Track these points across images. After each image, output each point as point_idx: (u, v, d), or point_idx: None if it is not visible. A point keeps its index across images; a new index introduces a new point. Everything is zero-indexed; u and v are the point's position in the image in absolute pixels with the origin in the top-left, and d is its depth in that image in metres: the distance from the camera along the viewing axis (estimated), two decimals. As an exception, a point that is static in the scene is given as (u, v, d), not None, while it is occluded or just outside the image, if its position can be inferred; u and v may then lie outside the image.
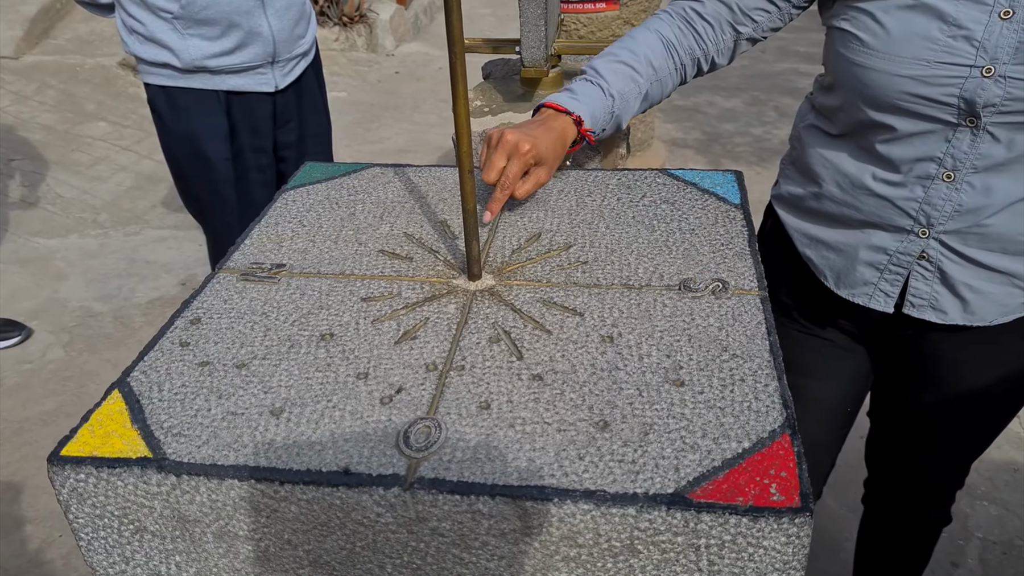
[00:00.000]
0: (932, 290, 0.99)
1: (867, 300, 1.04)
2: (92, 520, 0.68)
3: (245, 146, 1.84)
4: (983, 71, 0.85)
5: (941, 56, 0.87)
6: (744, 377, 0.71)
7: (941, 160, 0.92)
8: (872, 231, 1.00)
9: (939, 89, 0.88)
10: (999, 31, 0.84)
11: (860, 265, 1.02)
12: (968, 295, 0.98)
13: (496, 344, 0.77)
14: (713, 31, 1.05)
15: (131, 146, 3.81)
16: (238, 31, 1.69)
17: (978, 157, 0.90)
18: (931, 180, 0.93)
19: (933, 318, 1.01)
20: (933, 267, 0.98)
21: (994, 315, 0.99)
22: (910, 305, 1.01)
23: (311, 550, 0.67)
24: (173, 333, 0.81)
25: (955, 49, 0.86)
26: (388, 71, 4.96)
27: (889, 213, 0.97)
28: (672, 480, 0.61)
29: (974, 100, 0.87)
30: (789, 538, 0.59)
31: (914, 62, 0.88)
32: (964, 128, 0.89)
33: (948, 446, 1.17)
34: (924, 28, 0.87)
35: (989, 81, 0.85)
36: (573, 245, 0.92)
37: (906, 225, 0.97)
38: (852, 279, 1.04)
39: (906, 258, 0.99)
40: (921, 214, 0.95)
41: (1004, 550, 1.82)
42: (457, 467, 0.63)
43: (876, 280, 1.02)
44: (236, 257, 0.93)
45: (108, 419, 0.70)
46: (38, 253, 3.04)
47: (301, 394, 0.72)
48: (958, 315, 1.00)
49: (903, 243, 0.98)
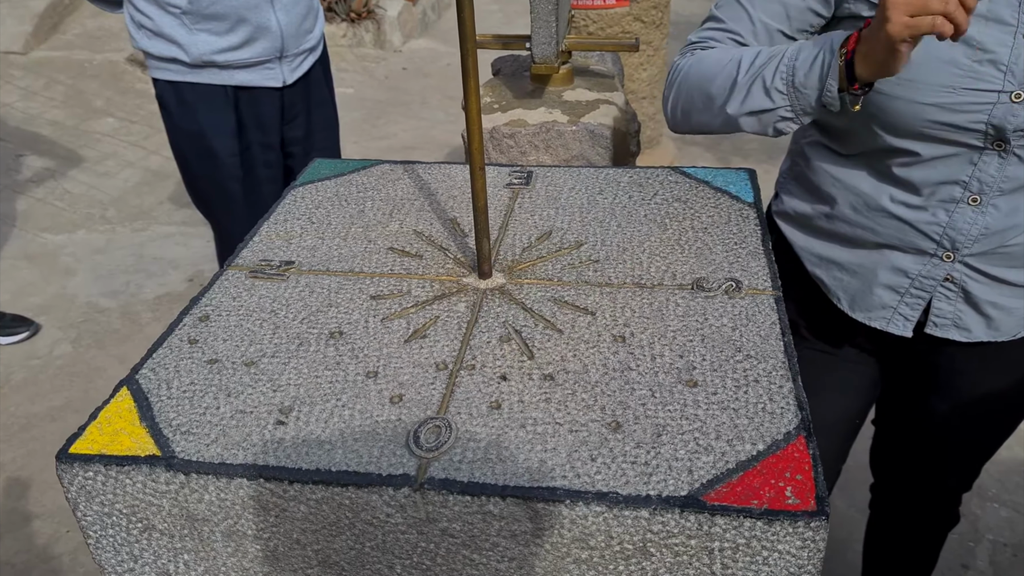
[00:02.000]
0: (956, 309, 0.97)
1: (885, 324, 1.00)
2: (100, 518, 0.68)
3: (253, 141, 1.83)
4: (1012, 96, 0.82)
5: (967, 82, 0.83)
6: (758, 378, 0.70)
7: (967, 184, 0.88)
8: (891, 252, 0.96)
9: (965, 116, 0.84)
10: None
11: (878, 288, 0.98)
12: (992, 312, 0.96)
13: (507, 343, 0.76)
14: None
15: (139, 142, 3.81)
16: (246, 26, 1.68)
17: (1005, 180, 0.87)
18: (956, 204, 0.90)
19: (957, 337, 0.98)
20: (957, 288, 0.95)
21: (1018, 329, 0.97)
22: (933, 325, 0.98)
23: (320, 550, 0.66)
24: (182, 330, 0.80)
25: (981, 74, 0.82)
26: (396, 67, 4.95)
27: (910, 236, 0.94)
28: (686, 482, 0.61)
29: (1004, 126, 0.83)
30: (804, 542, 0.58)
31: (939, 89, 0.84)
32: (991, 152, 0.86)
33: (958, 452, 1.16)
34: (947, 53, 0.83)
35: (1019, 106, 0.82)
36: (584, 243, 0.91)
37: (929, 248, 0.93)
38: (869, 302, 1.00)
39: (930, 282, 0.95)
40: (945, 238, 0.92)
41: (1015, 552, 1.81)
42: (468, 467, 0.63)
43: (896, 304, 0.98)
44: (245, 254, 0.93)
45: (117, 417, 0.69)
46: (46, 249, 3.04)
47: (310, 392, 0.71)
48: (982, 332, 0.97)
49: (926, 266, 0.95)
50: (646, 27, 2.61)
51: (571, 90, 1.50)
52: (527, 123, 1.37)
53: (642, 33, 2.61)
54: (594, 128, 1.33)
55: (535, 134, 1.36)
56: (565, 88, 1.50)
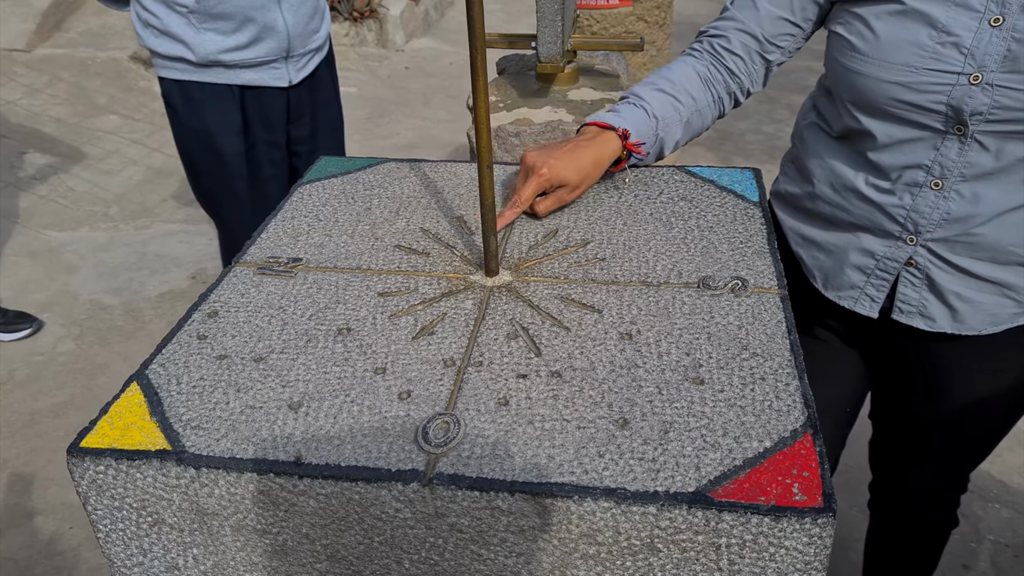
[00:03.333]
0: (921, 297, 0.99)
1: (852, 304, 1.03)
2: (111, 512, 0.68)
3: (258, 140, 1.84)
4: (970, 79, 0.85)
5: (929, 63, 0.86)
6: (765, 376, 0.70)
7: (929, 168, 0.91)
8: (861, 234, 1.00)
9: (926, 96, 0.87)
10: (988, 38, 0.83)
11: (848, 268, 1.02)
12: (957, 304, 0.97)
13: (514, 340, 0.77)
14: (744, 63, 1.04)
15: (142, 139, 3.82)
16: (253, 25, 1.69)
17: (966, 166, 0.89)
18: (919, 188, 0.93)
19: (922, 325, 1.00)
20: (921, 274, 0.97)
21: (983, 324, 0.98)
22: (899, 311, 1.01)
23: (329, 545, 0.66)
24: (191, 326, 0.81)
25: (943, 56, 0.85)
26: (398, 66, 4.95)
27: (878, 218, 0.97)
28: (693, 479, 0.61)
29: (961, 108, 0.86)
30: (811, 538, 0.59)
31: (902, 68, 0.87)
32: (952, 136, 0.89)
33: (946, 453, 1.17)
34: (914, 34, 0.86)
35: (976, 89, 0.85)
36: (591, 242, 0.92)
37: (894, 231, 0.96)
38: (840, 281, 1.04)
39: (893, 264, 0.98)
40: (909, 221, 0.95)
41: (1016, 553, 1.81)
42: (476, 463, 0.63)
43: (862, 284, 1.02)
44: (252, 251, 0.93)
45: (127, 411, 0.70)
46: (49, 246, 3.05)
47: (319, 388, 0.72)
48: (947, 323, 0.99)
49: (891, 248, 0.98)
50: (649, 27, 2.62)
51: (576, 89, 1.50)
52: (532, 122, 1.37)
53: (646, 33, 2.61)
54: (599, 127, 1.34)
55: (540, 133, 1.36)
56: (570, 87, 1.51)
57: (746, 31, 1.02)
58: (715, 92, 1.05)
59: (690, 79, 1.04)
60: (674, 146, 1.06)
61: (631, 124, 0.99)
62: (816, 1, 0.98)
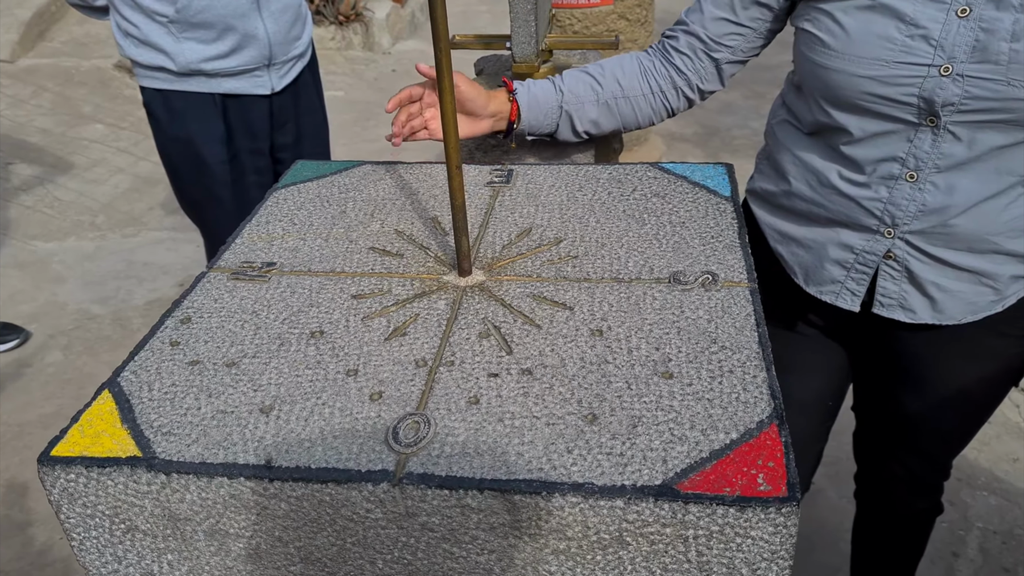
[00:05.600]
0: (900, 289, 1.00)
1: (834, 298, 1.04)
2: (83, 520, 0.68)
3: (242, 149, 1.84)
4: (941, 70, 0.85)
5: (899, 56, 0.87)
6: (733, 368, 0.71)
7: (904, 160, 0.92)
8: (840, 229, 1.00)
9: (898, 89, 0.88)
10: (956, 29, 0.84)
11: (828, 263, 1.02)
12: (936, 294, 0.98)
13: (486, 339, 0.77)
14: (691, 60, 1.08)
15: (128, 148, 3.81)
16: (234, 34, 1.69)
17: (940, 157, 0.90)
18: (895, 180, 0.93)
19: (903, 317, 1.01)
20: (900, 267, 0.98)
21: (963, 313, 0.99)
22: (879, 304, 1.01)
23: (302, 547, 0.67)
24: (163, 333, 0.81)
25: (913, 49, 0.86)
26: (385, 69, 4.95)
27: (855, 212, 0.97)
28: (660, 472, 0.61)
29: (933, 99, 0.87)
30: (777, 528, 0.59)
31: (873, 62, 0.88)
32: (925, 128, 0.89)
33: (927, 441, 1.18)
34: (882, 28, 0.87)
35: (947, 80, 0.85)
36: (563, 240, 0.92)
37: (872, 225, 0.97)
38: (820, 276, 1.04)
39: (872, 257, 0.99)
40: (886, 214, 0.95)
41: (1004, 539, 1.82)
42: (446, 462, 0.63)
43: (843, 278, 1.02)
44: (227, 256, 0.93)
45: (98, 419, 0.70)
46: (36, 256, 3.04)
47: (291, 392, 0.72)
48: (927, 314, 1.00)
49: (869, 242, 0.98)
50: (631, 25, 2.63)
51: (554, 88, 1.50)
52: (510, 122, 1.37)
53: (627, 31, 2.62)
54: (576, 126, 1.34)
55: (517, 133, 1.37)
56: (548, 86, 1.51)
57: (691, 32, 1.07)
58: (655, 84, 1.10)
59: (626, 68, 1.10)
60: (592, 125, 1.12)
61: (527, 89, 1.09)
62: (763, 3, 1.01)
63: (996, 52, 0.82)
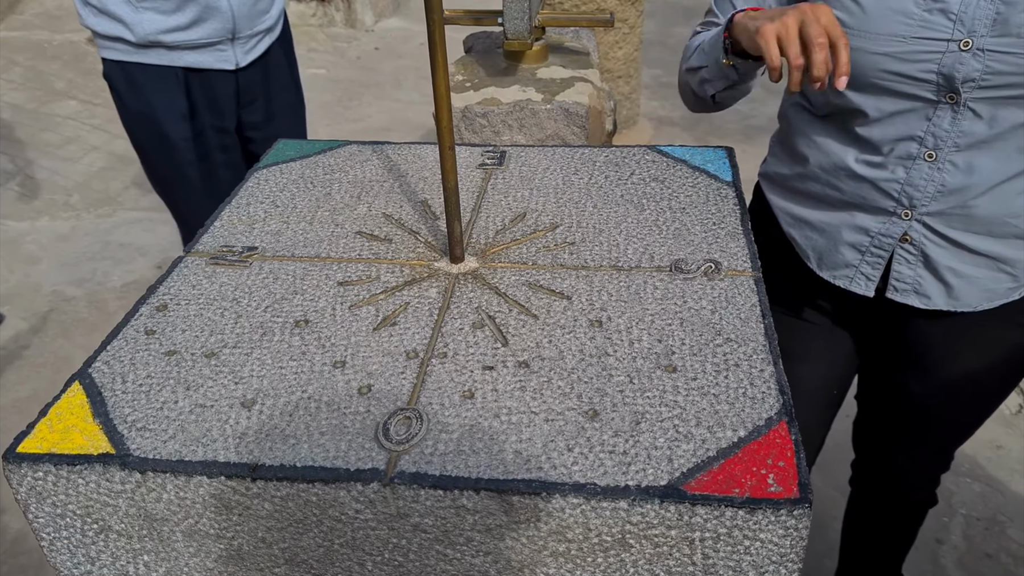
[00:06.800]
0: (916, 274, 0.97)
1: (848, 283, 1.02)
2: (53, 520, 0.64)
3: (206, 125, 1.77)
4: (960, 44, 0.83)
5: (917, 31, 0.84)
6: (739, 362, 0.68)
7: (922, 139, 0.89)
8: (855, 212, 0.98)
9: (916, 65, 0.85)
10: (976, 2, 0.81)
11: (842, 246, 1.00)
12: (952, 279, 0.96)
13: (480, 330, 0.74)
14: None
15: (102, 125, 3.70)
16: (194, 5, 1.62)
17: (960, 135, 0.88)
18: (912, 160, 0.91)
19: (917, 303, 0.99)
20: (916, 250, 0.96)
21: (978, 301, 0.97)
22: (893, 289, 0.99)
23: (287, 548, 0.63)
24: (138, 321, 0.76)
25: (931, 23, 0.83)
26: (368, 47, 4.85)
27: (871, 194, 0.95)
28: (665, 471, 0.59)
29: (952, 75, 0.84)
30: (787, 530, 0.57)
31: (890, 38, 0.85)
32: (944, 105, 0.87)
33: (934, 432, 1.16)
34: (899, 2, 0.84)
35: (967, 55, 0.83)
36: (560, 225, 0.88)
37: (888, 207, 0.95)
38: (834, 260, 1.02)
39: (888, 240, 0.97)
40: (903, 195, 0.93)
41: (987, 526, 1.83)
42: (440, 460, 0.60)
43: (857, 262, 1.00)
44: (205, 239, 0.89)
45: (68, 413, 0.66)
46: (8, 236, 2.95)
47: (274, 384, 0.68)
48: (942, 300, 0.98)
49: (885, 225, 0.96)
50: (622, 4, 2.58)
51: (545, 67, 1.46)
52: (500, 102, 1.33)
53: (618, 10, 2.57)
54: (569, 107, 1.30)
55: (509, 113, 1.32)
56: (539, 65, 1.47)
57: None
58: None
59: None
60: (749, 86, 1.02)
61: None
62: None
63: (1018, 25, 0.80)
